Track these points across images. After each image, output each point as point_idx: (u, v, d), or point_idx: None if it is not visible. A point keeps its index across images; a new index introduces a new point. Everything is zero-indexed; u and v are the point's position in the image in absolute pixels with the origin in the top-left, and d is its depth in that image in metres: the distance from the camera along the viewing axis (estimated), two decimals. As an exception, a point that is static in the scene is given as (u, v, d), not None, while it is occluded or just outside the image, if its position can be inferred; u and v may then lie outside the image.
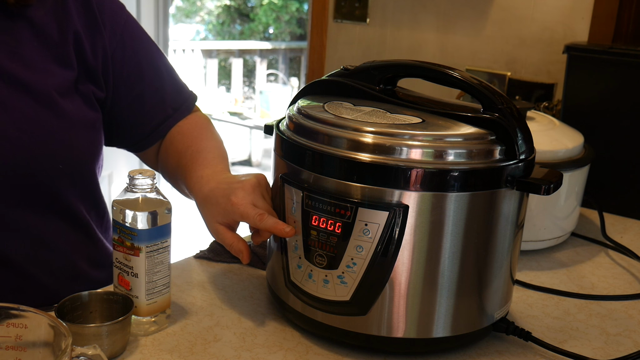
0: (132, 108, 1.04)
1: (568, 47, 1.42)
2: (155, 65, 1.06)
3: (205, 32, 9.22)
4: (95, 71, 0.97)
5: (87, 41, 0.96)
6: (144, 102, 1.04)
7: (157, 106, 1.06)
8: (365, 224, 0.74)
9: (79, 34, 0.95)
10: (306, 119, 0.81)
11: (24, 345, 0.61)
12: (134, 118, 1.05)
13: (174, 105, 1.07)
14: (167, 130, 1.07)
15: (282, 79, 7.28)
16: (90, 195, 1.02)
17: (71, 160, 0.94)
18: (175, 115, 1.07)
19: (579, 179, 1.16)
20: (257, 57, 7.21)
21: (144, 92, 1.04)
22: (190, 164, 0.98)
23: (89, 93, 0.97)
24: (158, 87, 1.05)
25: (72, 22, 0.95)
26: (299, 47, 7.70)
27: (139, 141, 1.08)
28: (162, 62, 1.07)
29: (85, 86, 0.96)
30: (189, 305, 0.90)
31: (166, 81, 1.07)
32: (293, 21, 8.94)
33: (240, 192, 0.84)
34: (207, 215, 0.87)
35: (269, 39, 8.91)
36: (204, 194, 0.89)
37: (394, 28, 2.03)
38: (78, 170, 0.97)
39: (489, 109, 0.78)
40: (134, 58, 1.02)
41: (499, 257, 0.79)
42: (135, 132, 1.07)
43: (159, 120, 1.06)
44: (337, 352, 0.81)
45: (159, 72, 1.06)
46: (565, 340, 0.87)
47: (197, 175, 0.94)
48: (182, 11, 9.06)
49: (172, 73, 1.08)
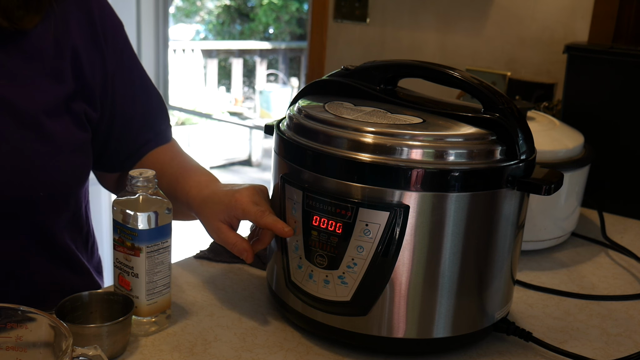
0: (121, 130, 1.00)
1: (568, 47, 1.42)
2: (146, 89, 1.03)
3: (205, 32, 9.22)
4: (92, 90, 0.93)
5: (86, 58, 0.92)
6: (132, 124, 1.01)
7: (142, 128, 1.02)
8: (366, 224, 0.74)
9: (78, 50, 0.91)
10: (306, 119, 0.81)
11: (25, 345, 0.61)
12: (120, 139, 1.01)
13: (156, 129, 1.04)
14: (145, 154, 1.03)
15: (282, 79, 7.29)
16: (75, 222, 0.98)
17: (54, 187, 0.89)
18: (157, 139, 1.04)
19: (579, 179, 1.16)
20: (257, 57, 7.21)
21: (134, 115, 1.01)
22: (181, 171, 0.96)
23: (81, 112, 0.92)
24: (145, 111, 1.03)
25: (71, 37, 0.91)
26: (299, 47, 7.70)
27: (116, 165, 1.03)
28: (151, 86, 1.05)
29: (78, 104, 0.92)
30: (189, 305, 0.90)
31: (153, 106, 1.04)
32: (293, 21, 8.94)
33: (244, 191, 0.85)
34: (207, 215, 0.87)
35: (269, 39, 8.90)
36: (204, 196, 0.89)
37: (394, 28, 2.03)
38: (62, 197, 0.92)
39: (490, 109, 0.78)
40: (130, 79, 1.00)
41: (500, 257, 0.79)
42: (116, 155, 1.02)
43: (141, 143, 1.02)
44: (337, 353, 0.81)
45: (149, 96, 1.03)
46: (565, 340, 0.87)
47: (194, 180, 0.93)
48: (182, 11, 9.05)
49: (158, 99, 1.06)
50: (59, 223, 0.94)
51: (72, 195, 0.94)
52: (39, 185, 0.87)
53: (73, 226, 0.98)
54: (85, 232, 1.03)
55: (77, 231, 1.00)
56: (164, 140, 1.05)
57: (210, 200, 0.88)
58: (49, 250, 0.94)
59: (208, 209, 0.87)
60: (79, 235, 1.00)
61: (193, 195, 0.91)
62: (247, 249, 0.85)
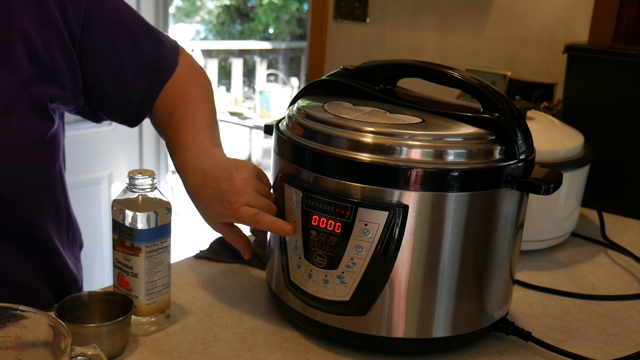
0: (115, 83, 0.95)
1: (568, 47, 1.42)
2: (129, 31, 0.96)
3: (205, 32, 9.22)
4: (52, 69, 0.88)
5: (37, 38, 0.86)
6: (125, 73, 0.95)
7: (139, 73, 0.97)
8: (365, 224, 0.74)
9: (27, 32, 0.85)
10: (306, 119, 0.81)
11: (24, 345, 0.61)
12: (119, 92, 0.96)
13: (156, 67, 0.98)
14: (155, 97, 0.98)
15: (282, 79, 7.28)
16: (51, 211, 0.93)
17: (18, 186, 0.85)
18: (160, 78, 0.98)
19: (579, 179, 1.16)
20: (257, 57, 7.21)
21: (123, 63, 0.95)
22: (174, 140, 0.92)
23: (42, 98, 0.87)
24: (136, 54, 0.96)
25: (15, 19, 0.85)
26: (299, 47, 7.70)
27: (132, 116, 1.00)
28: (135, 24, 0.97)
29: (38, 88, 0.86)
30: (189, 305, 0.90)
31: (144, 44, 0.97)
32: (293, 21, 8.94)
33: (231, 196, 0.81)
34: (201, 212, 0.86)
35: (269, 39, 8.91)
36: (191, 187, 0.86)
37: (394, 28, 2.03)
38: (28, 193, 0.87)
39: (489, 109, 0.78)
40: (104, 31, 0.93)
41: (499, 257, 0.79)
42: (125, 107, 0.98)
43: (145, 89, 0.98)
44: (336, 352, 0.81)
45: (134, 37, 0.96)
46: (565, 340, 0.87)
47: (180, 159, 0.89)
48: (182, 11, 9.06)
49: (148, 32, 0.98)
50: (30, 216, 0.89)
51: (41, 187, 0.90)
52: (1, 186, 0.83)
53: (48, 215, 0.94)
54: (66, 220, 0.99)
55: (53, 219, 0.95)
56: (167, 75, 0.99)
57: (198, 199, 0.85)
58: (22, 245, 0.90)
59: (199, 208, 0.85)
60: (55, 224, 0.96)
61: (182, 178, 0.88)
62: (244, 247, 0.84)
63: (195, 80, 1.01)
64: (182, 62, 1.02)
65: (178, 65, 1.01)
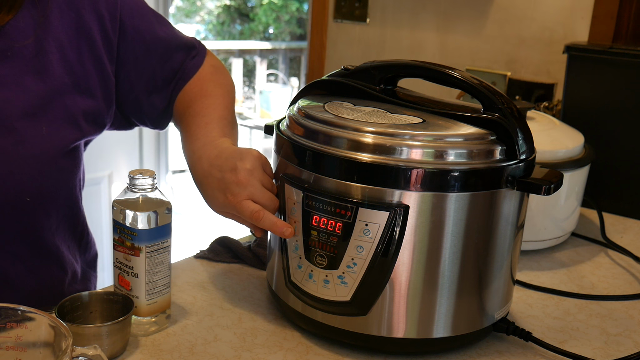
0: (146, 88, 0.97)
1: (568, 47, 1.42)
2: (158, 37, 0.97)
3: (205, 32, 9.22)
4: (84, 79, 0.89)
5: (71, 48, 0.88)
6: (155, 79, 0.98)
7: (168, 78, 0.99)
8: (366, 224, 0.74)
9: (62, 42, 0.87)
10: (306, 119, 0.81)
11: (25, 345, 0.61)
12: (150, 98, 0.98)
13: (182, 69, 1.00)
14: (176, 97, 1.00)
15: (282, 79, 7.28)
16: (67, 221, 0.94)
17: (40, 192, 0.85)
18: (183, 76, 1.00)
19: (579, 179, 1.16)
20: (257, 57, 7.21)
21: (154, 69, 0.97)
22: (185, 131, 0.93)
23: (74, 108, 0.88)
24: (167, 59, 0.98)
25: (51, 29, 0.86)
26: (299, 47, 7.70)
27: (159, 120, 1.02)
28: (163, 29, 0.99)
29: (71, 98, 0.88)
30: (189, 305, 0.90)
31: (173, 50, 0.99)
32: (293, 21, 8.94)
33: (235, 187, 0.81)
34: (207, 201, 0.86)
35: (269, 39, 8.91)
36: (198, 177, 0.87)
37: (394, 28, 2.03)
38: (50, 200, 0.88)
39: (489, 109, 0.78)
40: (137, 37, 0.95)
41: (499, 257, 0.79)
42: (154, 112, 1.00)
43: (171, 92, 1.00)
44: (337, 353, 0.81)
45: (164, 43, 0.98)
46: (565, 340, 0.87)
47: (189, 149, 0.90)
48: (182, 11, 9.06)
49: (176, 37, 1.00)
50: (48, 225, 0.90)
51: (61, 196, 0.91)
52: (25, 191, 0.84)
53: (65, 226, 0.95)
54: (80, 230, 1.00)
55: (69, 230, 0.96)
56: (189, 75, 1.00)
57: (204, 189, 0.86)
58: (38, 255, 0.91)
59: (205, 197, 0.86)
60: (70, 234, 0.97)
61: (190, 167, 0.89)
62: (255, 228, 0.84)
63: (216, 78, 1.02)
64: (205, 62, 1.04)
65: (201, 65, 1.02)
